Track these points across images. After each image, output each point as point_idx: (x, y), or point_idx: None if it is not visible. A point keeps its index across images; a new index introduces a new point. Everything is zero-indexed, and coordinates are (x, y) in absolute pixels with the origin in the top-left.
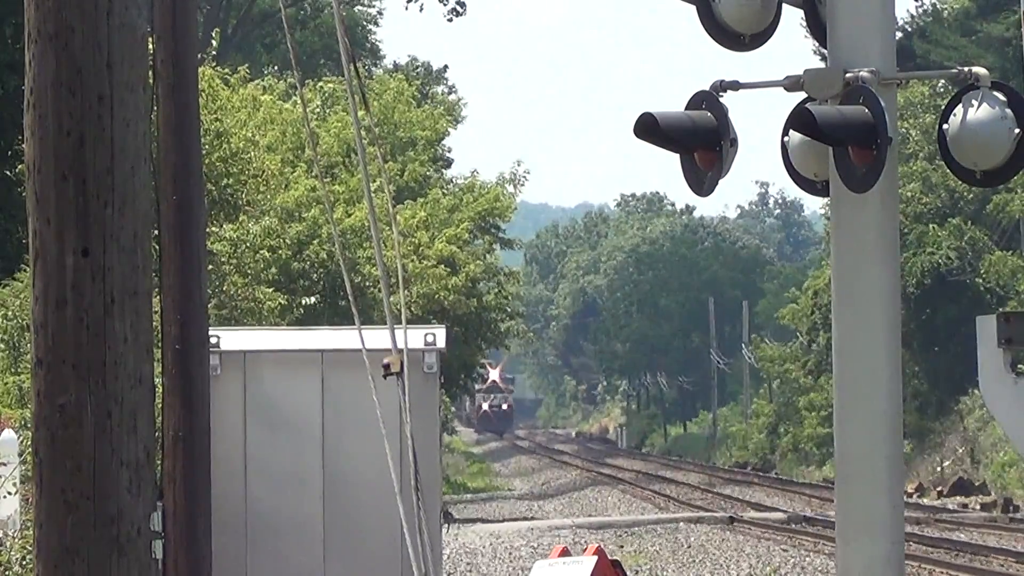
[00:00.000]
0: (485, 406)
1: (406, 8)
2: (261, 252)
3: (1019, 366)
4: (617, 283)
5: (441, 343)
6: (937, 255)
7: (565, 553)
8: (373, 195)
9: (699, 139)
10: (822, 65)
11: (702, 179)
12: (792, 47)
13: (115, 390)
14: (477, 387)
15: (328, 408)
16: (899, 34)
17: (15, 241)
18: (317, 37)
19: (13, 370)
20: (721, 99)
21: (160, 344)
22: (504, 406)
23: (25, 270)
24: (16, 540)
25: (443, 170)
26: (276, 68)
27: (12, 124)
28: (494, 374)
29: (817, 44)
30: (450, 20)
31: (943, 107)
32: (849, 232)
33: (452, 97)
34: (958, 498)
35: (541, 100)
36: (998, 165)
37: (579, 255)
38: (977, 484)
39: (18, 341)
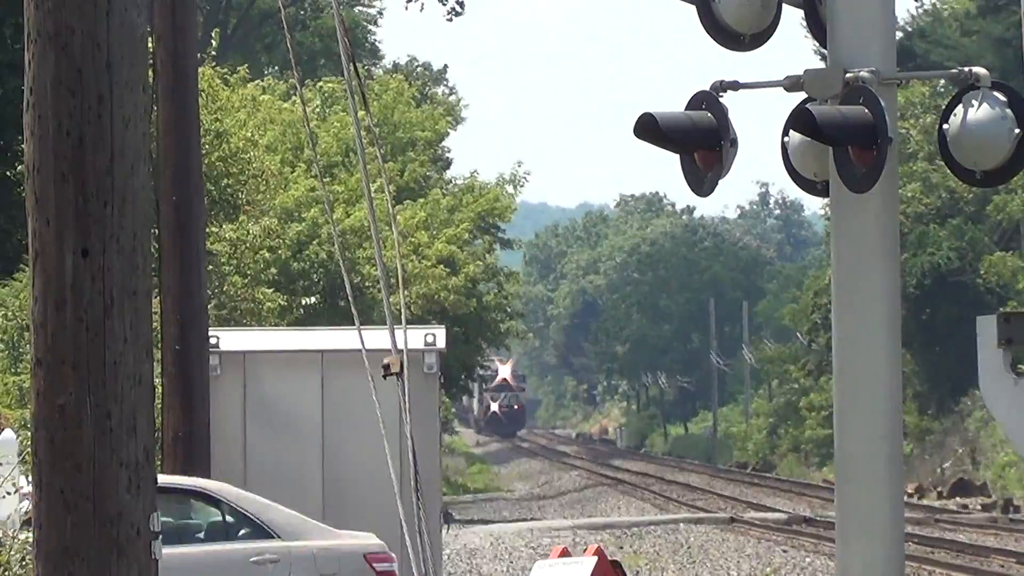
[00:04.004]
0: (494, 406)
1: (406, 8)
2: (261, 252)
3: (1019, 366)
4: (617, 283)
5: (441, 343)
6: (937, 255)
7: (565, 554)
8: (373, 195)
9: (699, 139)
10: (822, 65)
11: (702, 179)
12: (792, 47)
13: (115, 390)
14: (485, 386)
15: (328, 408)
16: (899, 34)
17: (15, 241)
18: (317, 38)
19: (13, 370)
20: (721, 99)
21: (160, 344)
22: (515, 406)
23: (25, 270)
24: (16, 540)
25: (443, 171)
26: (276, 68)
27: (12, 124)
28: (504, 371)
29: (817, 44)
30: (449, 20)
31: (943, 107)
32: (849, 232)
33: (452, 98)
34: (958, 499)
35: (541, 100)
36: (998, 165)
37: (579, 255)
38: (977, 485)
39: (18, 341)
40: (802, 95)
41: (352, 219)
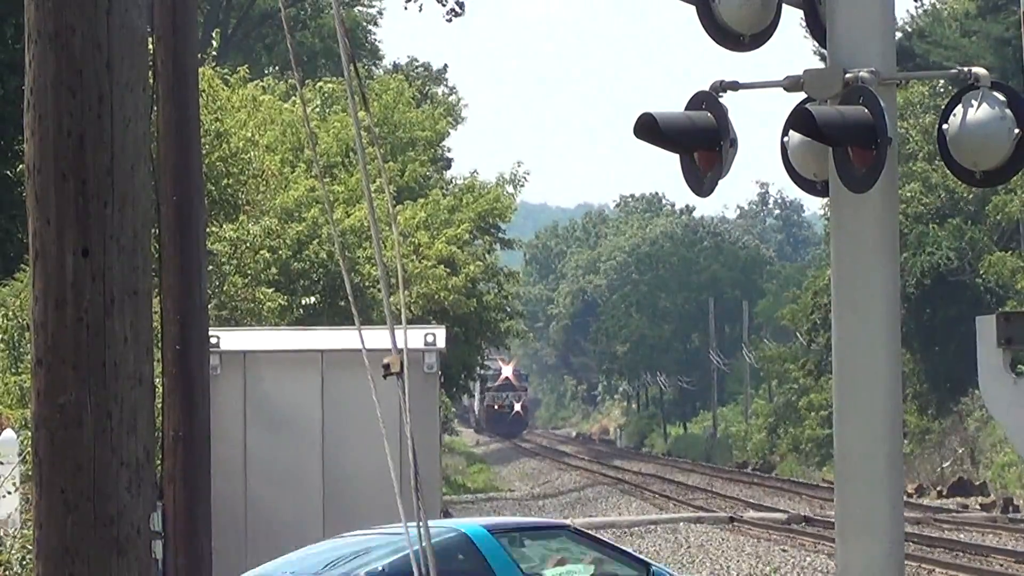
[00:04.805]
0: (496, 406)
1: (405, 8)
2: (261, 252)
3: (1019, 366)
4: (617, 283)
5: (441, 343)
6: (937, 255)
7: None
8: (373, 195)
9: (699, 139)
10: (822, 65)
11: (702, 179)
12: (792, 47)
13: (115, 390)
14: (488, 385)
15: (328, 408)
16: (899, 34)
17: (15, 241)
18: (318, 38)
19: (13, 370)
20: (721, 99)
21: (160, 344)
22: (517, 406)
23: (25, 270)
24: (16, 540)
25: (443, 171)
26: (276, 68)
27: (12, 124)
28: (507, 370)
29: (817, 44)
30: (449, 20)
31: (943, 107)
32: (849, 232)
33: (452, 98)
34: (958, 498)
35: (541, 100)
36: (998, 165)
37: (579, 255)
38: (977, 484)
39: (18, 341)
40: (802, 95)
41: (352, 219)
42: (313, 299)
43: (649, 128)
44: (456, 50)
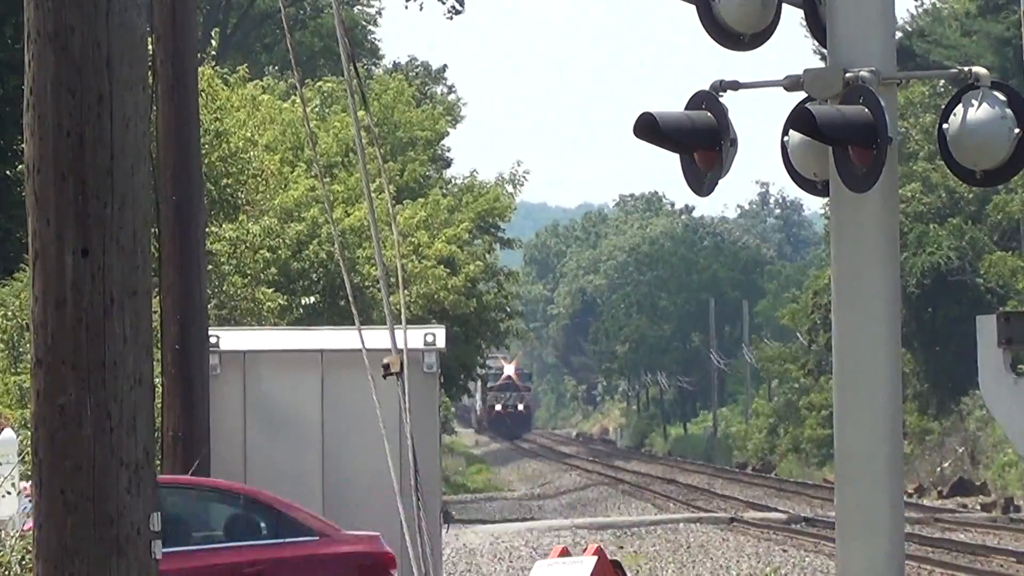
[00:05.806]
0: (498, 406)
1: (406, 7)
2: (260, 252)
3: (1019, 366)
4: (617, 283)
5: (441, 343)
6: (937, 255)
7: (565, 553)
8: (373, 195)
9: (699, 139)
10: (822, 65)
11: (702, 179)
12: (792, 47)
13: (115, 390)
14: (489, 385)
15: (328, 408)
16: (899, 34)
17: (15, 241)
18: (317, 38)
19: (13, 370)
20: (721, 99)
21: (160, 344)
22: (520, 406)
23: (25, 270)
24: (16, 541)
25: (443, 170)
26: (276, 68)
27: (12, 124)
28: (509, 370)
29: (817, 44)
30: (450, 18)
31: (943, 107)
32: (849, 232)
33: (451, 97)
34: (958, 498)
35: (541, 100)
36: (998, 165)
37: (579, 255)
38: (977, 484)
39: (18, 341)
40: (802, 95)
41: (352, 219)
42: (313, 299)
43: (649, 128)
44: (456, 49)
